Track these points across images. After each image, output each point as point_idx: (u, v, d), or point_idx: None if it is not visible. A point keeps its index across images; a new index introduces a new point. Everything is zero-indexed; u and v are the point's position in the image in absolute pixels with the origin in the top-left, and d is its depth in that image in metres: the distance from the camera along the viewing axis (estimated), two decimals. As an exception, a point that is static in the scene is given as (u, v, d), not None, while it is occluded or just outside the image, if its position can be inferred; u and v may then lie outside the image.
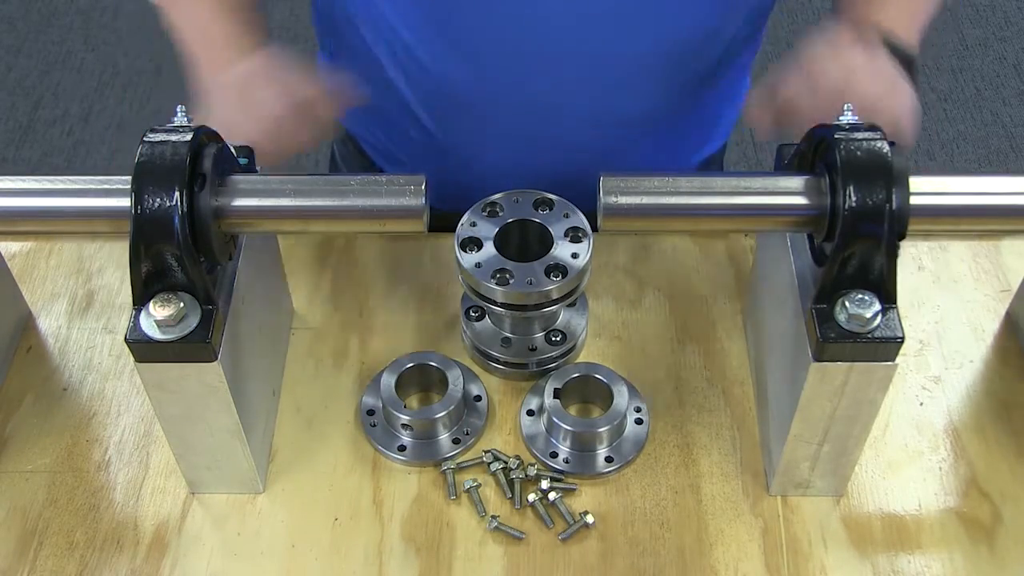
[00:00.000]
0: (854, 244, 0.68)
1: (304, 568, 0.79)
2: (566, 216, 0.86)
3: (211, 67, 0.92)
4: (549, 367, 0.89)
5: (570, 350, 0.90)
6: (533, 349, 0.89)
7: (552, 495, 0.81)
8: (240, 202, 0.72)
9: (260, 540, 0.80)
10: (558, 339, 0.89)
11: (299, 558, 0.79)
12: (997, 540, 0.80)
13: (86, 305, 0.96)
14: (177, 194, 0.68)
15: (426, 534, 0.80)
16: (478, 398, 0.88)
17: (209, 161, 0.71)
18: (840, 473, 0.80)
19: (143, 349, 0.70)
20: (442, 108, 0.99)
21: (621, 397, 0.84)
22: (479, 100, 0.97)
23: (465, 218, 0.86)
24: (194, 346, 0.70)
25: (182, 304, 0.70)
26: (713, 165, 1.14)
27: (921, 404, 0.88)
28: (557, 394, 0.85)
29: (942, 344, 0.92)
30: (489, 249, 0.84)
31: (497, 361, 0.89)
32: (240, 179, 0.73)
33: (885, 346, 0.69)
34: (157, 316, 0.69)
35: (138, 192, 0.68)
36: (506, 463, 0.83)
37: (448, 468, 0.83)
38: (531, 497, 0.81)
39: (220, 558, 0.79)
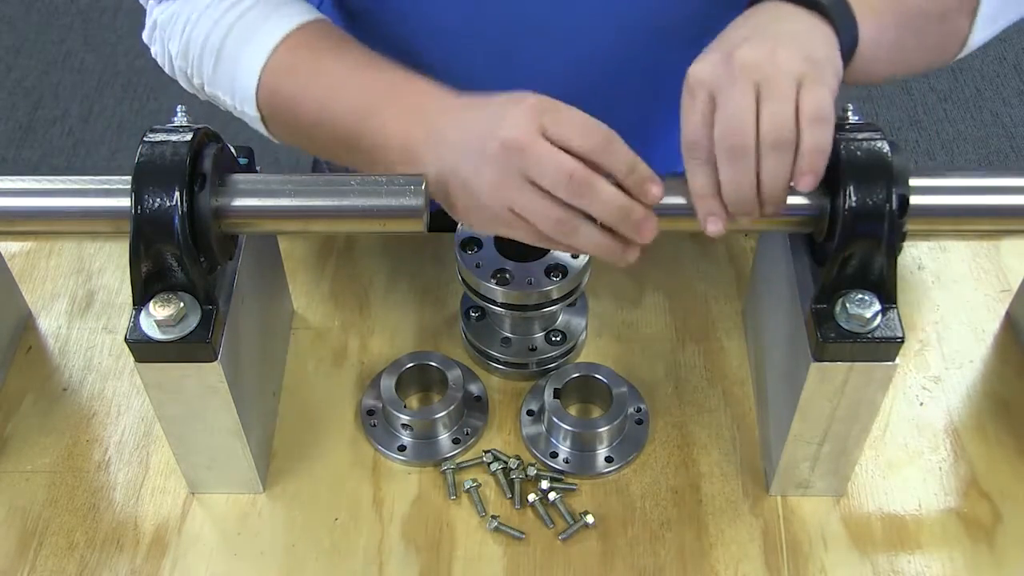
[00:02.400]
0: (854, 244, 0.68)
1: (304, 568, 0.79)
2: (566, 216, 0.86)
3: (438, 109, 0.73)
4: (549, 367, 0.89)
5: (570, 350, 0.90)
6: (533, 349, 0.89)
7: (552, 495, 0.81)
8: (240, 202, 0.72)
9: (260, 540, 0.80)
10: (558, 339, 0.89)
11: (299, 558, 0.79)
12: (997, 540, 0.80)
13: (86, 305, 0.96)
14: (177, 194, 0.68)
15: (426, 534, 0.80)
16: (478, 398, 0.88)
17: (209, 161, 0.71)
18: (840, 473, 0.80)
19: (143, 349, 0.70)
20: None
21: (621, 397, 0.84)
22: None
23: (465, 218, 0.86)
24: (194, 346, 0.70)
25: (182, 304, 0.70)
26: None
27: (921, 404, 0.88)
28: (557, 394, 0.85)
29: (942, 344, 0.92)
30: (489, 249, 0.84)
31: (497, 361, 0.89)
32: (240, 179, 0.73)
33: (885, 346, 0.69)
34: (157, 316, 0.69)
35: (138, 192, 0.68)
36: (506, 463, 0.83)
37: (448, 468, 0.83)
38: (531, 497, 0.81)
39: (220, 558, 0.80)
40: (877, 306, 0.69)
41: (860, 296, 0.69)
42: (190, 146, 0.69)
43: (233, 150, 0.78)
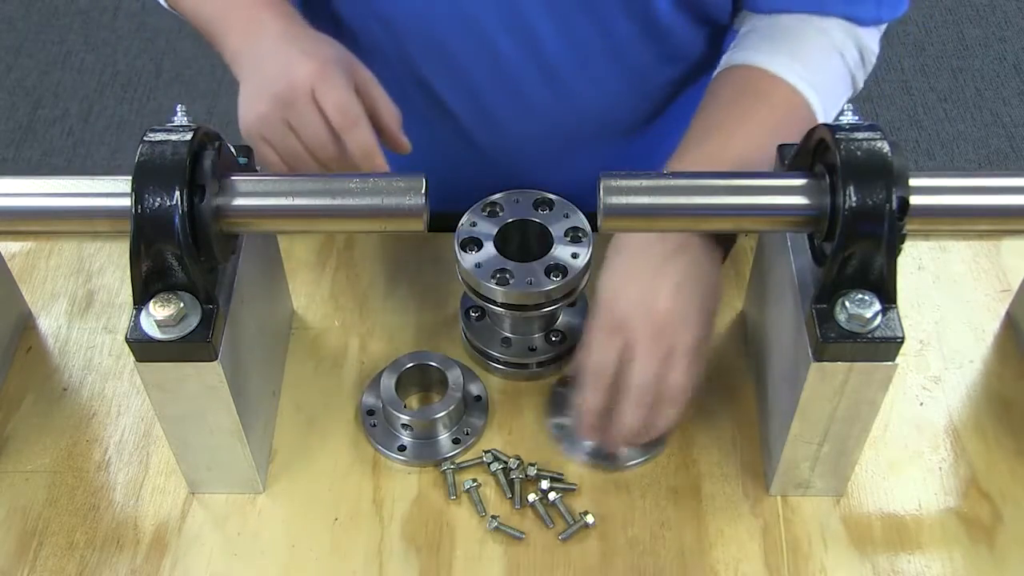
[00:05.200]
0: (854, 244, 0.68)
1: (304, 568, 0.79)
2: (566, 216, 0.86)
3: (248, 29, 0.86)
4: (549, 367, 0.89)
5: (570, 350, 0.90)
6: (533, 349, 0.89)
7: (552, 495, 0.81)
8: (240, 202, 0.72)
9: (260, 540, 0.80)
10: (558, 339, 0.89)
11: (299, 558, 0.79)
12: (997, 540, 0.80)
13: (86, 305, 0.96)
14: (177, 193, 0.68)
15: (426, 534, 0.80)
16: (478, 398, 0.88)
17: (209, 160, 0.71)
18: (840, 473, 0.80)
19: (143, 349, 0.70)
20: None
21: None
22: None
23: (465, 218, 0.86)
24: (194, 346, 0.70)
25: (182, 304, 0.70)
26: None
27: (921, 404, 0.88)
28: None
29: (942, 344, 0.92)
30: (489, 249, 0.84)
31: (497, 361, 0.89)
32: (240, 179, 0.73)
33: (885, 346, 0.69)
34: (157, 316, 0.69)
35: (138, 192, 0.68)
36: (506, 463, 0.83)
37: (448, 468, 0.83)
38: (531, 497, 0.81)
39: (220, 558, 0.80)
40: (877, 306, 0.69)
41: (860, 296, 0.69)
42: (190, 145, 0.69)
43: (233, 150, 0.78)
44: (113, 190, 0.73)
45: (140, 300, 0.70)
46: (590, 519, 0.80)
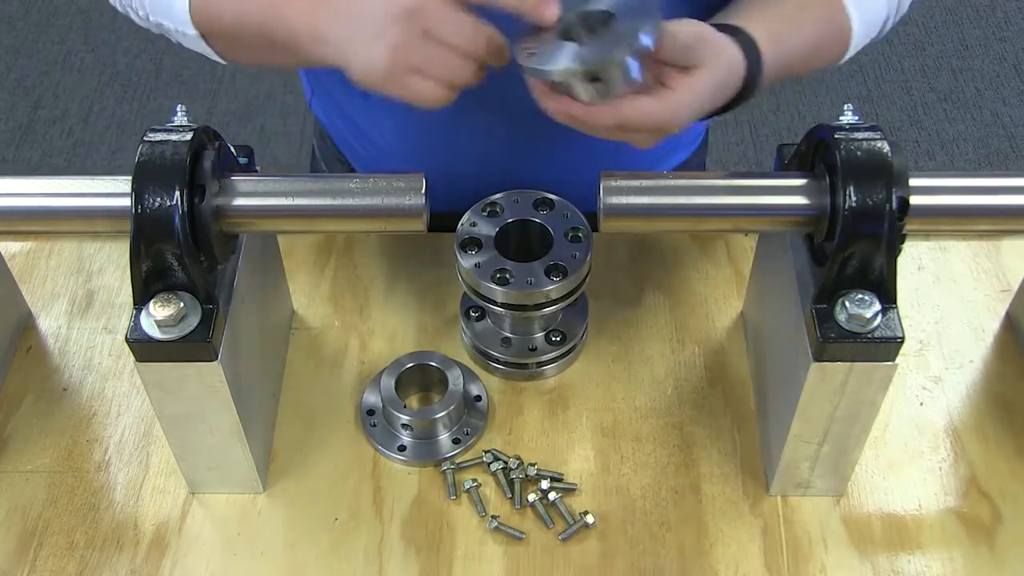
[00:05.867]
0: (854, 244, 0.68)
1: (304, 568, 0.79)
2: (566, 216, 0.86)
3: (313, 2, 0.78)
4: (549, 367, 0.89)
5: (570, 350, 0.90)
6: (533, 349, 0.89)
7: (552, 495, 0.81)
8: (240, 202, 0.72)
9: (260, 540, 0.80)
10: (558, 339, 0.89)
11: (299, 558, 0.79)
12: (997, 540, 0.80)
13: (86, 305, 0.96)
14: (177, 193, 0.68)
15: (426, 534, 0.80)
16: (478, 398, 0.88)
17: (209, 160, 0.71)
18: (840, 473, 0.80)
19: (143, 349, 0.70)
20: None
21: None
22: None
23: (465, 218, 0.86)
24: (194, 346, 0.70)
25: (182, 304, 0.70)
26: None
27: (921, 404, 0.88)
28: None
29: (942, 344, 0.92)
30: (489, 249, 0.84)
31: (497, 361, 0.89)
32: (240, 179, 0.73)
33: (885, 346, 0.69)
34: (157, 316, 0.69)
35: (138, 192, 0.68)
36: (506, 463, 0.83)
37: (448, 468, 0.83)
38: (531, 497, 0.81)
39: (220, 558, 0.80)
40: (877, 306, 0.69)
41: (860, 296, 0.69)
42: (190, 145, 0.69)
43: (233, 150, 0.78)
44: (113, 190, 0.73)
45: (140, 300, 0.70)
46: (590, 519, 0.80)
